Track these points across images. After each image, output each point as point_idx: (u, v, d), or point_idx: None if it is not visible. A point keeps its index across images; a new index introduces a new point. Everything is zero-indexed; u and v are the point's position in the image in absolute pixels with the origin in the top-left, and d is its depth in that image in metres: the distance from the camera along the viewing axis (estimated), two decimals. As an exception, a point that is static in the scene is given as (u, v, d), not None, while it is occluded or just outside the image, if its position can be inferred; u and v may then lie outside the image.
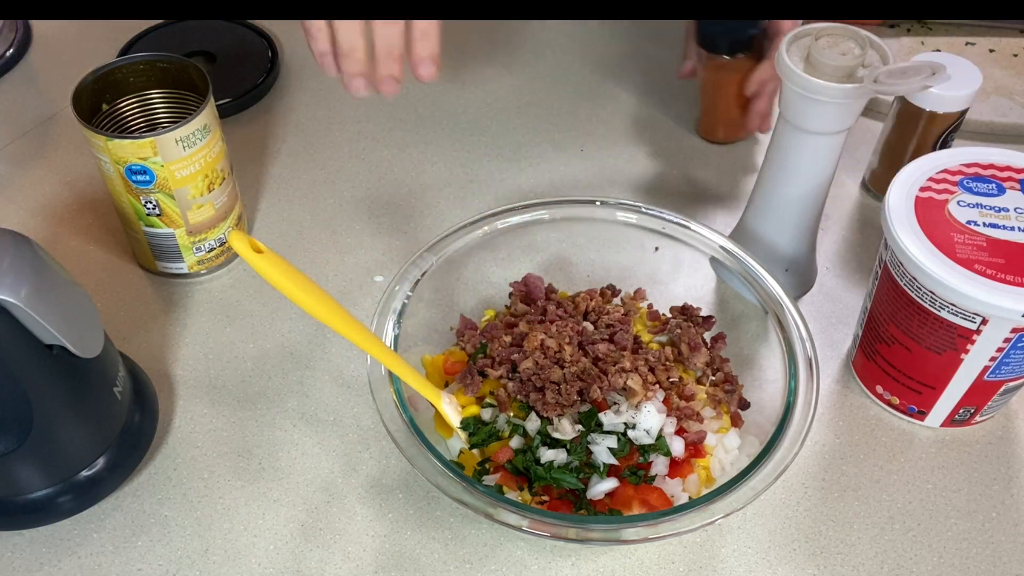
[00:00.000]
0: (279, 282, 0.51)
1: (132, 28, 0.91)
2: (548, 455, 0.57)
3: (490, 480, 0.57)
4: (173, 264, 0.71)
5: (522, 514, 0.52)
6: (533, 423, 0.58)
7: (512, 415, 0.59)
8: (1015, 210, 0.58)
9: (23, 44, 0.91)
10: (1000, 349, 0.57)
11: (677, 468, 0.58)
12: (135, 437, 0.59)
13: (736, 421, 0.61)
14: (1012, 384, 0.60)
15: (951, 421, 0.64)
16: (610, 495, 0.57)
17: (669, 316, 0.66)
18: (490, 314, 0.67)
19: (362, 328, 0.55)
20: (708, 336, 0.65)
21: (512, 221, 0.66)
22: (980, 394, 0.61)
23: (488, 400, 0.61)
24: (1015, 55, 0.89)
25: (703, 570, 0.58)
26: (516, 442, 0.58)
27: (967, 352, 0.58)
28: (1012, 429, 0.65)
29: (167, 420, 0.64)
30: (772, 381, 0.61)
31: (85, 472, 0.57)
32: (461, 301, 0.67)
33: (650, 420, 0.58)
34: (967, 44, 0.90)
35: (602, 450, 0.57)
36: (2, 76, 0.88)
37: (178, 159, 0.64)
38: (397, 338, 0.60)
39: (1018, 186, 0.60)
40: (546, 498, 0.57)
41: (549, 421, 0.58)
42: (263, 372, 0.67)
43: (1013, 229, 0.57)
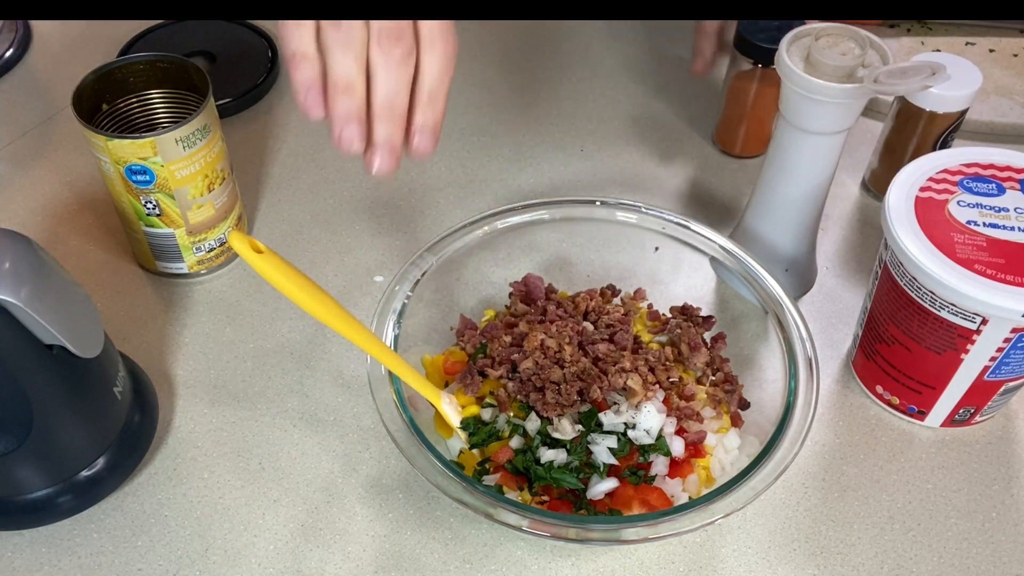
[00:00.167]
0: (279, 282, 0.51)
1: (132, 28, 0.91)
2: (548, 455, 0.57)
3: (490, 480, 0.57)
4: (173, 264, 0.71)
5: (522, 514, 0.52)
6: (533, 423, 0.58)
7: (512, 415, 0.59)
8: (1015, 210, 0.58)
9: (23, 44, 0.91)
10: (1000, 349, 0.57)
11: (677, 468, 0.58)
12: (135, 437, 0.59)
13: (736, 421, 0.61)
14: (1012, 384, 0.60)
15: (951, 421, 0.64)
16: (610, 495, 0.57)
17: (669, 316, 0.66)
18: (490, 314, 0.67)
19: (362, 328, 0.55)
20: (708, 336, 0.65)
21: (512, 221, 0.66)
22: (980, 394, 0.61)
23: (488, 400, 0.61)
24: (1015, 55, 0.89)
25: (703, 570, 0.58)
26: (516, 442, 0.58)
27: (967, 352, 0.58)
28: (1012, 429, 0.65)
29: (167, 420, 0.64)
30: (772, 381, 0.60)
31: (85, 472, 0.57)
32: (461, 301, 0.67)
33: (650, 420, 0.58)
34: (967, 44, 0.90)
35: (602, 450, 0.57)
36: (2, 76, 0.88)
37: (178, 159, 0.64)
38: (397, 338, 0.60)
39: (1018, 186, 0.59)
40: (546, 498, 0.57)
41: (549, 421, 0.58)
42: (263, 372, 0.67)
43: (1013, 229, 0.57)
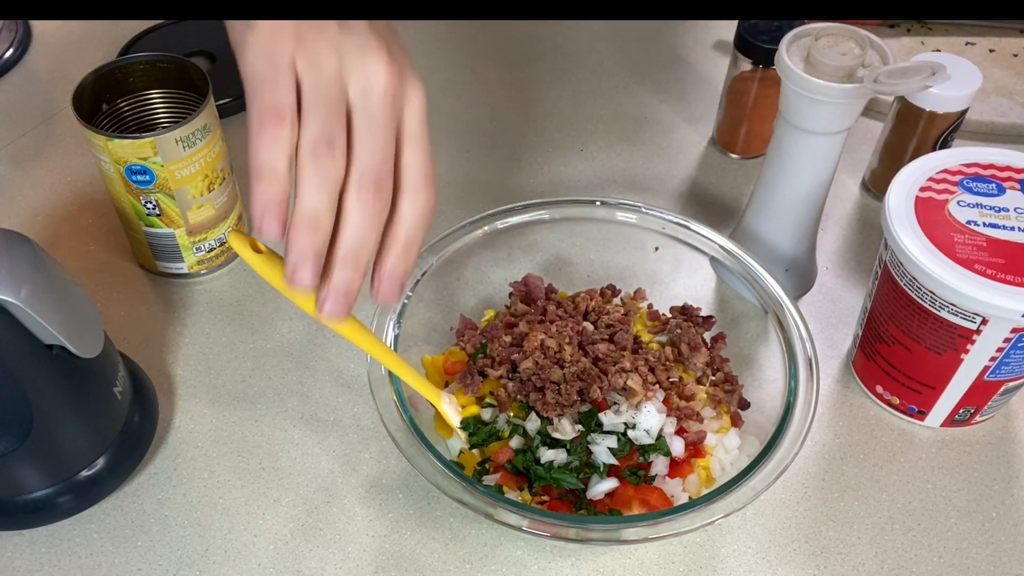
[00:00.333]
0: (279, 282, 0.51)
1: (132, 28, 0.91)
2: (548, 455, 0.57)
3: (490, 480, 0.57)
4: (173, 264, 0.71)
5: (522, 514, 0.52)
6: (533, 423, 0.58)
7: (512, 415, 0.59)
8: (1015, 210, 0.58)
9: (23, 44, 0.91)
10: (1000, 349, 0.57)
11: (677, 468, 0.58)
12: (135, 437, 0.59)
13: (736, 421, 0.61)
14: (1012, 384, 0.60)
15: (951, 421, 0.64)
16: (610, 495, 0.57)
17: (669, 316, 0.66)
18: (490, 314, 0.67)
19: (362, 328, 0.55)
20: (708, 336, 0.65)
21: (512, 221, 0.66)
22: (980, 394, 0.61)
23: (488, 400, 0.60)
24: (1015, 55, 0.89)
25: (703, 570, 0.58)
26: (516, 442, 0.58)
27: (967, 352, 0.58)
28: (1012, 429, 0.65)
29: (167, 420, 0.64)
30: (772, 381, 0.60)
31: (85, 472, 0.57)
32: (461, 301, 0.67)
33: (650, 420, 0.58)
34: (967, 44, 0.90)
35: (602, 450, 0.57)
36: (2, 76, 0.88)
37: (178, 159, 0.64)
38: (397, 338, 0.60)
39: (1018, 186, 0.59)
40: (546, 498, 0.57)
41: (549, 421, 0.58)
42: (263, 372, 0.67)
43: (1013, 229, 0.57)
